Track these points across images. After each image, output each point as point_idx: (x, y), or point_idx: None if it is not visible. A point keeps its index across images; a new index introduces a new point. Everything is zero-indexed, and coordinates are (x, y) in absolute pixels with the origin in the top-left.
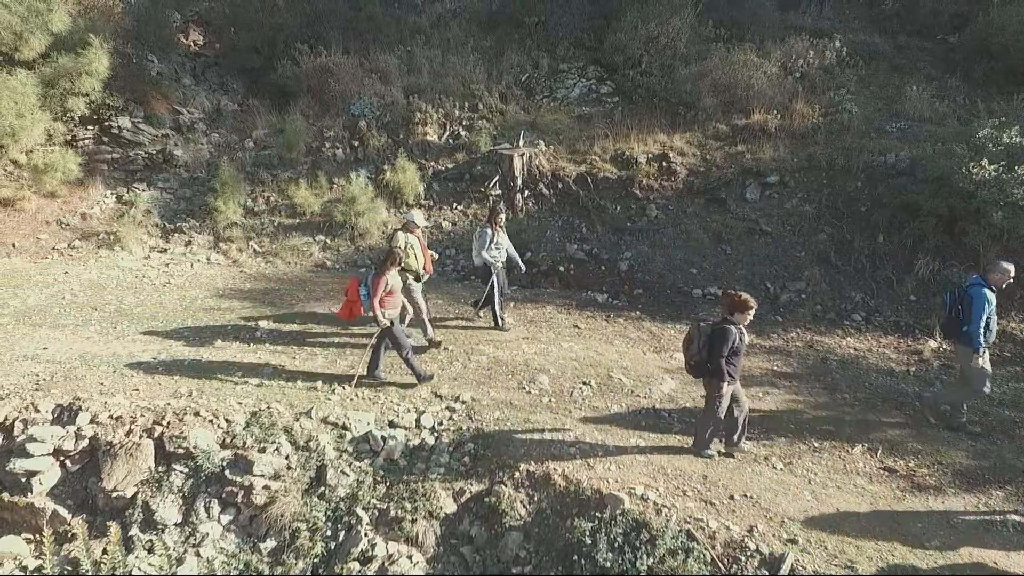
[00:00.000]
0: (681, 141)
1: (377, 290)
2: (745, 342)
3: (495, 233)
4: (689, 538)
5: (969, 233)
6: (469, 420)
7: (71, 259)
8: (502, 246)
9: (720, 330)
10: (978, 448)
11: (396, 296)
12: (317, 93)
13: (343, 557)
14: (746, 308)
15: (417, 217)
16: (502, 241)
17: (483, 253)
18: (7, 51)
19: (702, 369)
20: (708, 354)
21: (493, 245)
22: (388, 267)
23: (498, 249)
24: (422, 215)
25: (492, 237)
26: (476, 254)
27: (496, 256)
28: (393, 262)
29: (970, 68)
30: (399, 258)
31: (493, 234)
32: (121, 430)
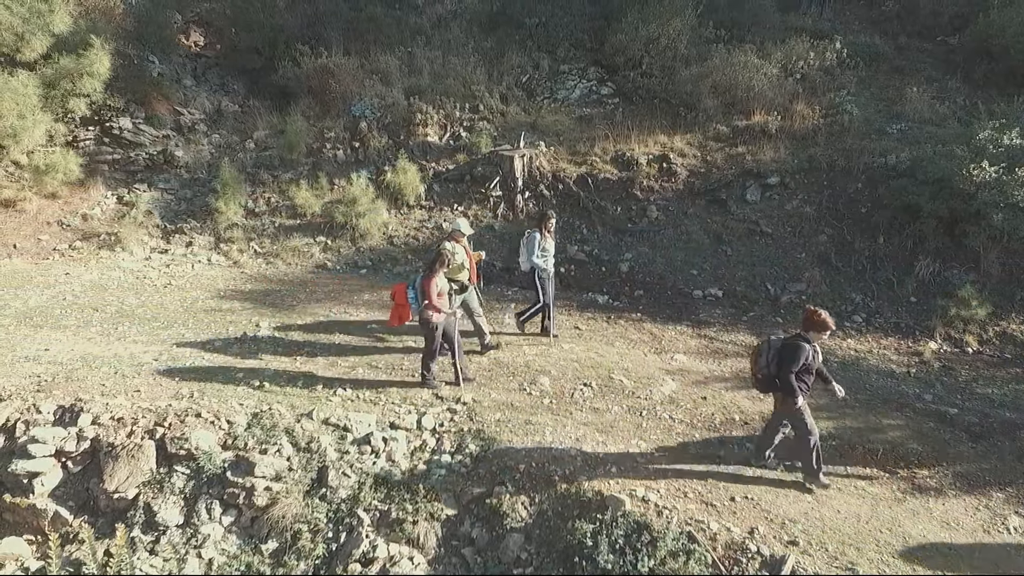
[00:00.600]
0: (682, 142)
1: (428, 291)
2: (819, 361)
3: (544, 238)
4: (690, 540)
5: (969, 235)
6: (470, 422)
7: (72, 260)
8: (550, 252)
9: (792, 345)
10: (979, 450)
11: (444, 299)
12: (318, 94)
13: (344, 558)
14: (824, 328)
15: (463, 226)
16: (550, 247)
17: (532, 259)
18: (8, 52)
19: (769, 384)
20: (777, 368)
21: (541, 251)
22: (437, 269)
23: (546, 255)
24: (467, 223)
25: (540, 242)
26: (524, 260)
27: (545, 263)
28: (441, 263)
29: (970, 69)
30: (447, 259)
31: (542, 239)
32: (123, 431)
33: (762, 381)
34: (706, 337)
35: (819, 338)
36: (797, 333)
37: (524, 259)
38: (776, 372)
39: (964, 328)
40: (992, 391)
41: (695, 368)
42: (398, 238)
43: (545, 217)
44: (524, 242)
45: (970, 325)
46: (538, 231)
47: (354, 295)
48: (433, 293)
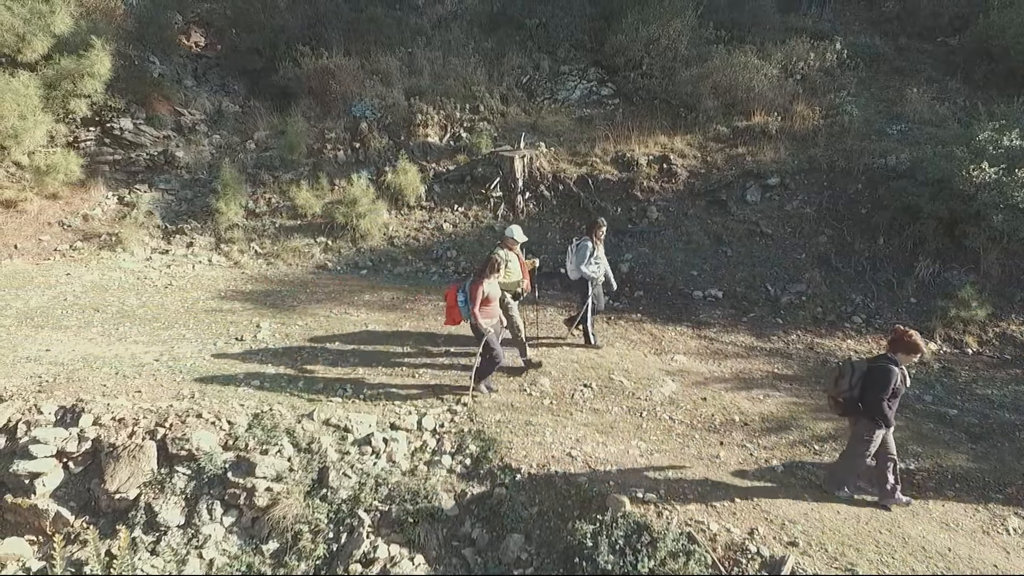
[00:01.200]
0: (682, 143)
1: (476, 297)
2: (908, 384)
3: (595, 246)
4: (690, 540)
5: (969, 236)
6: (470, 422)
7: (73, 260)
8: (601, 261)
9: (882, 368)
10: (978, 450)
11: (493, 305)
12: (318, 95)
13: (345, 559)
14: (915, 350)
15: (516, 233)
16: (600, 255)
17: (582, 267)
18: (10, 53)
19: (850, 407)
20: (861, 393)
21: (593, 259)
22: (487, 274)
23: (597, 264)
24: (521, 230)
25: (592, 251)
26: (573, 268)
27: (595, 271)
28: (492, 269)
29: (970, 70)
30: (497, 264)
31: (593, 247)
32: (124, 432)
33: (842, 405)
34: (706, 338)
35: (908, 360)
36: (883, 355)
37: (572, 267)
38: (860, 396)
39: (964, 329)
40: (992, 392)
41: (695, 369)
42: (399, 239)
43: (596, 225)
44: (574, 250)
45: (970, 326)
46: (589, 239)
47: (355, 296)
48: (478, 298)
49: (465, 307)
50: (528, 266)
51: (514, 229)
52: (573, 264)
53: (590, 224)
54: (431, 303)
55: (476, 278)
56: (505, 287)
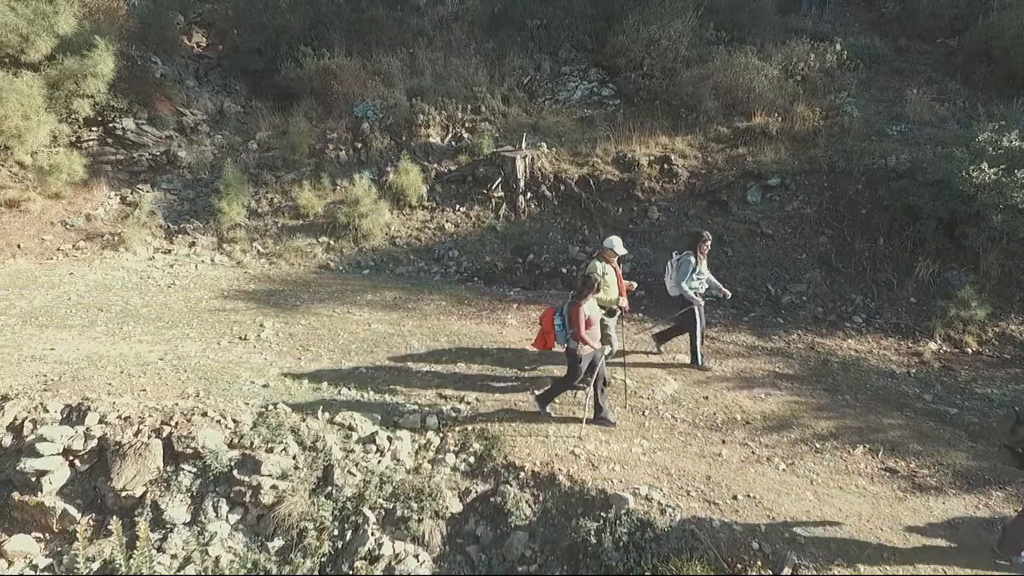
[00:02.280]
0: (683, 143)
1: (576, 320)
2: None
3: (698, 261)
4: (693, 538)
5: (969, 236)
6: (474, 421)
7: (76, 260)
8: (703, 276)
9: None
10: (978, 449)
11: (595, 328)
12: (320, 95)
13: (350, 556)
14: None
15: (616, 244)
16: (703, 270)
17: (683, 284)
18: (13, 53)
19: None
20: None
21: (695, 275)
22: (585, 295)
23: (699, 280)
24: (620, 242)
25: (695, 266)
26: (673, 284)
27: (696, 288)
28: (591, 289)
29: (970, 72)
30: (596, 284)
31: (696, 263)
32: (130, 430)
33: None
34: (708, 337)
35: None
36: None
37: (672, 283)
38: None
39: (964, 329)
40: (991, 391)
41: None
42: (400, 239)
43: (700, 238)
44: (675, 264)
45: (969, 326)
46: (692, 254)
47: (357, 295)
48: (581, 322)
49: (563, 332)
50: (626, 287)
51: (614, 240)
52: (673, 280)
53: (693, 237)
54: (433, 303)
55: (575, 300)
56: (600, 304)
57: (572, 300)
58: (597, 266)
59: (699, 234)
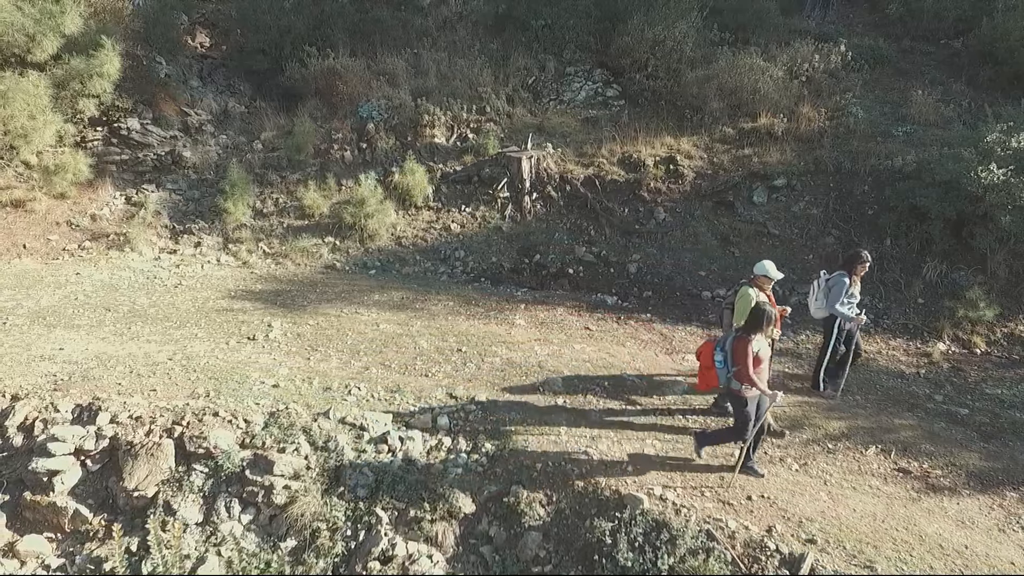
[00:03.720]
0: (688, 144)
1: (743, 357)
2: None
3: (852, 283)
4: (709, 538)
5: (977, 237)
6: (485, 421)
7: (82, 260)
8: (856, 300)
9: None
10: (990, 450)
11: (763, 366)
12: (325, 95)
13: (363, 556)
14: None
15: (770, 270)
16: (856, 294)
17: (836, 306)
18: (19, 53)
19: None
20: None
21: (847, 297)
22: (755, 330)
23: (852, 301)
24: (774, 266)
25: (848, 287)
26: (824, 305)
27: (850, 310)
28: (760, 322)
29: (975, 73)
30: (770, 317)
31: (850, 284)
32: (141, 430)
33: None
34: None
35: None
36: None
37: (821, 304)
38: None
39: (972, 329)
40: (1001, 392)
41: None
42: (406, 239)
43: (859, 259)
44: (825, 283)
45: (978, 326)
46: (847, 274)
47: (364, 295)
48: (749, 359)
49: (724, 370)
50: (780, 312)
51: (767, 265)
52: (821, 301)
53: (850, 256)
54: (441, 303)
55: (741, 334)
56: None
57: (738, 333)
58: (751, 294)
59: (858, 254)
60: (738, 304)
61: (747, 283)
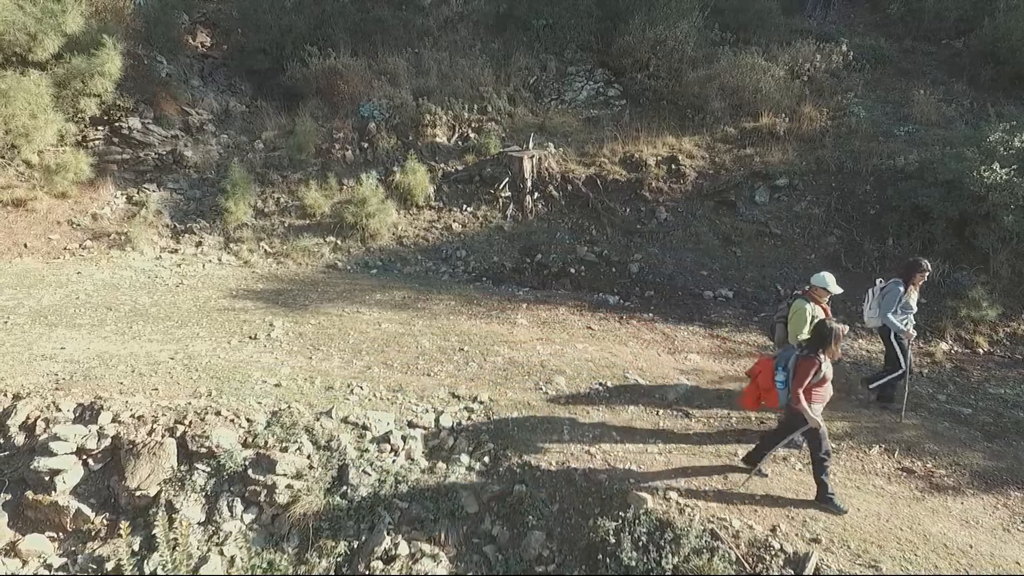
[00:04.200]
0: (690, 144)
1: (804, 378)
2: None
3: (907, 293)
4: (713, 537)
5: (979, 236)
6: (488, 420)
7: (83, 259)
8: (911, 311)
9: None
10: (994, 449)
11: (826, 386)
12: (326, 95)
13: (366, 556)
14: None
15: (829, 282)
16: (912, 304)
17: (888, 315)
18: (21, 52)
19: None
20: None
21: (902, 308)
22: (824, 349)
23: (908, 312)
24: (833, 279)
25: (902, 297)
26: (874, 314)
27: (905, 322)
28: (829, 340)
29: (976, 73)
30: (838, 335)
31: (904, 294)
32: (143, 429)
33: None
34: (719, 337)
35: None
36: None
37: (874, 313)
38: None
39: (975, 329)
40: (1005, 391)
41: (709, 368)
42: (408, 238)
43: (918, 269)
44: (879, 292)
45: (980, 326)
46: (903, 284)
47: (366, 295)
48: (807, 379)
49: (786, 390)
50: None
51: (826, 277)
52: (875, 310)
53: (909, 266)
54: (443, 302)
55: (809, 353)
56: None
57: (805, 352)
58: (806, 308)
59: (917, 263)
60: (793, 319)
61: (801, 295)
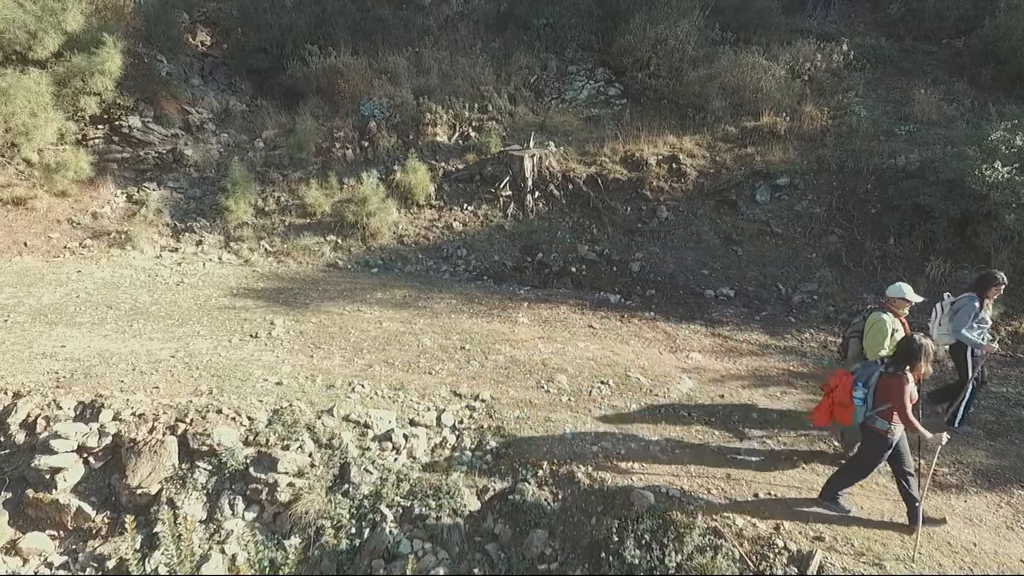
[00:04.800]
0: (691, 143)
1: (904, 399)
2: None
3: (983, 308)
4: (716, 535)
5: (980, 235)
6: (489, 419)
7: (83, 258)
8: (987, 325)
9: None
10: (997, 447)
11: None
12: (327, 94)
13: (368, 554)
14: None
15: (907, 291)
16: (987, 319)
17: (963, 331)
18: (21, 50)
19: None
20: None
21: (977, 322)
22: (911, 367)
23: (982, 328)
24: (911, 289)
25: (978, 312)
26: (945, 330)
27: (980, 336)
28: (918, 357)
29: (977, 72)
30: (929, 352)
31: (980, 308)
32: (144, 427)
33: None
34: (720, 336)
35: None
36: None
37: (946, 328)
38: None
39: None
40: (1007, 390)
41: (711, 366)
42: (408, 237)
43: (993, 282)
44: (952, 306)
45: None
46: (977, 298)
47: (367, 293)
48: (907, 399)
49: (863, 408)
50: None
51: (904, 288)
52: (946, 325)
53: (983, 279)
54: (444, 301)
55: (897, 371)
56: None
57: (892, 370)
58: (885, 321)
59: (992, 276)
60: (870, 333)
61: (877, 308)
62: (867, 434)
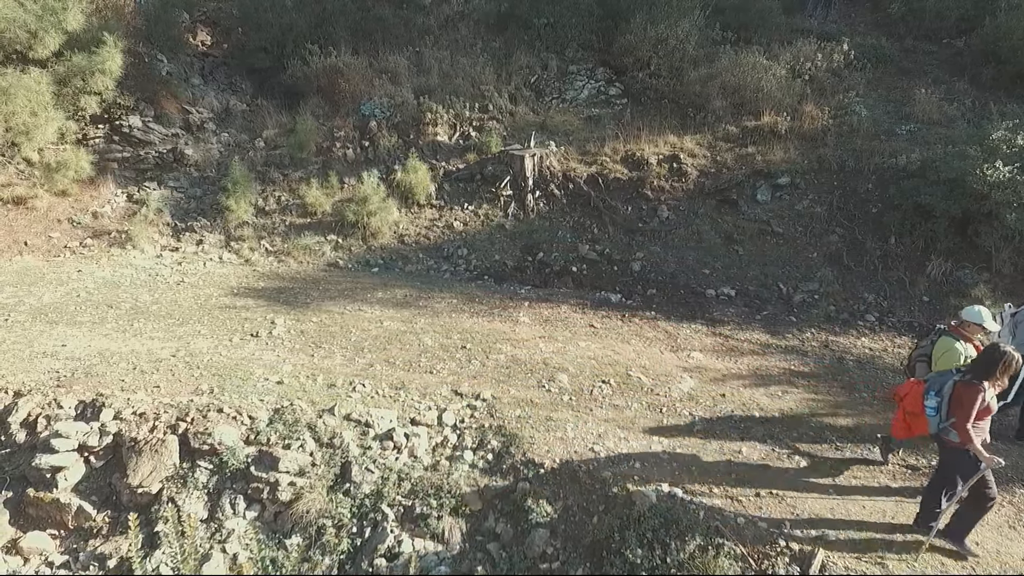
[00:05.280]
0: (691, 142)
1: (971, 408)
2: None
3: None
4: (718, 534)
5: (982, 234)
6: (491, 418)
7: (83, 257)
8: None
9: None
10: (999, 447)
11: (986, 420)
12: (327, 93)
13: (369, 554)
14: None
15: (987, 319)
16: None
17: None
18: (21, 49)
19: None
20: None
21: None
22: (989, 376)
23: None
24: (989, 313)
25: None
26: (1010, 343)
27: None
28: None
29: (977, 72)
30: (1011, 364)
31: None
32: (145, 426)
33: None
34: (721, 335)
35: None
36: None
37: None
38: None
39: None
40: None
41: (712, 366)
42: (409, 237)
43: None
44: (1014, 317)
45: None
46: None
47: (368, 293)
48: (973, 409)
49: (937, 418)
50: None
51: (983, 313)
52: (1007, 337)
53: None
54: (444, 300)
55: (973, 379)
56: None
57: (968, 377)
58: (956, 348)
59: None
60: (941, 360)
61: (947, 331)
62: (944, 450)
